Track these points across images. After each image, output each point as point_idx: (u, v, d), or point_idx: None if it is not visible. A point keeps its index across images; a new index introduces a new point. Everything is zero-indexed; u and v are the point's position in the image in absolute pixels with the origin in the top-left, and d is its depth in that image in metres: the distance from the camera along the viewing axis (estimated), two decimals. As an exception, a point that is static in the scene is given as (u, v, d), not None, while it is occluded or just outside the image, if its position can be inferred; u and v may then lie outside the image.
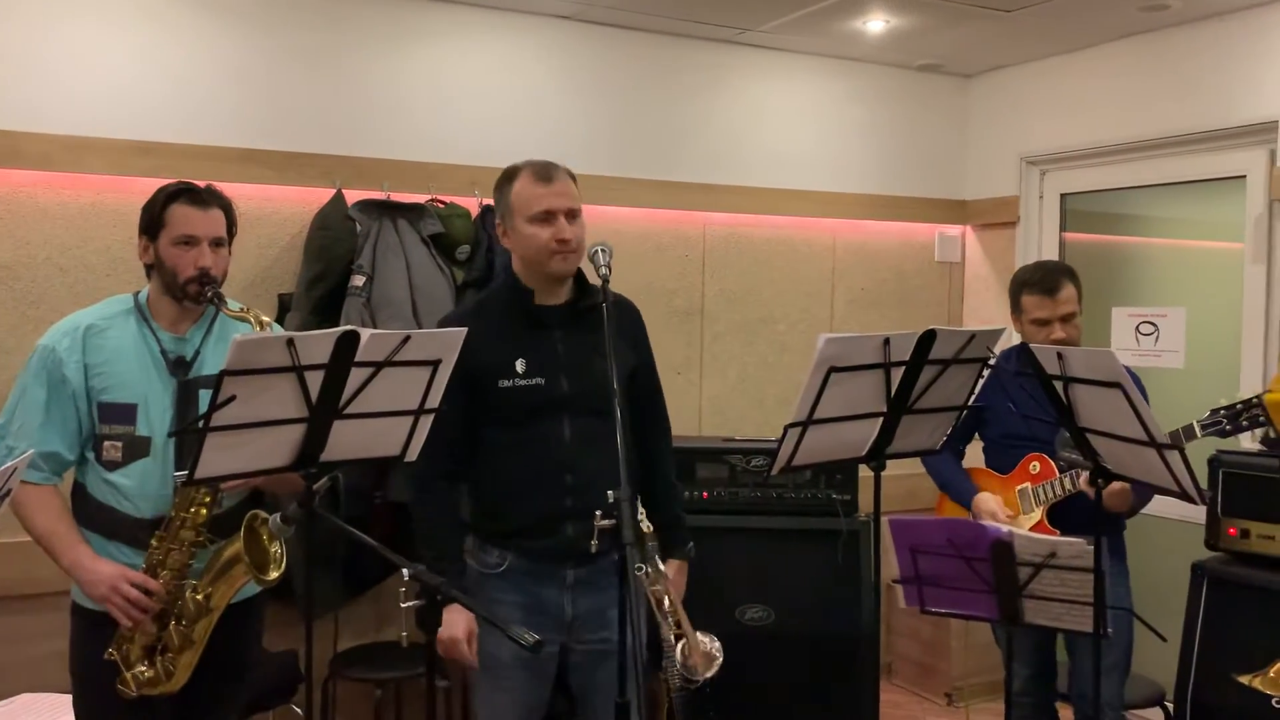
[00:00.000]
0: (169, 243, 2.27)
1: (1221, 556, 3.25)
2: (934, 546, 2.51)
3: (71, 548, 2.23)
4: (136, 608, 2.18)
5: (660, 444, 2.60)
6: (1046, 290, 2.92)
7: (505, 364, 2.37)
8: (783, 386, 4.47)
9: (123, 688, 2.22)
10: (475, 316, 2.47)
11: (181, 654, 2.25)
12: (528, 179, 2.40)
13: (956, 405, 2.38)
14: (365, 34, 3.69)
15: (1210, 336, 3.92)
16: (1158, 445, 2.06)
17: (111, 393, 2.26)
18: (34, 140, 3.20)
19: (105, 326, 2.29)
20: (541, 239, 2.35)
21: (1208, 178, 3.99)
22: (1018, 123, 4.62)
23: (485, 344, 2.34)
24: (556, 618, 2.41)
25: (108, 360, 2.27)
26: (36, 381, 2.26)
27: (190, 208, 2.28)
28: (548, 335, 2.40)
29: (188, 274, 2.26)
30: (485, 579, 2.43)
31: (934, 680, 4.43)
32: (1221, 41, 3.85)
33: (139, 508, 2.26)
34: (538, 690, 2.44)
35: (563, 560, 2.38)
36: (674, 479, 2.63)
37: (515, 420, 2.39)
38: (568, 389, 2.38)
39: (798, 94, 4.50)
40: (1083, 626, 2.40)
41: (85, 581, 2.21)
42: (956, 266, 4.90)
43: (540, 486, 2.37)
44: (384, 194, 3.60)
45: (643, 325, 2.58)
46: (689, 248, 4.32)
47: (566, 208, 2.36)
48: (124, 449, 2.25)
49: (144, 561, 2.23)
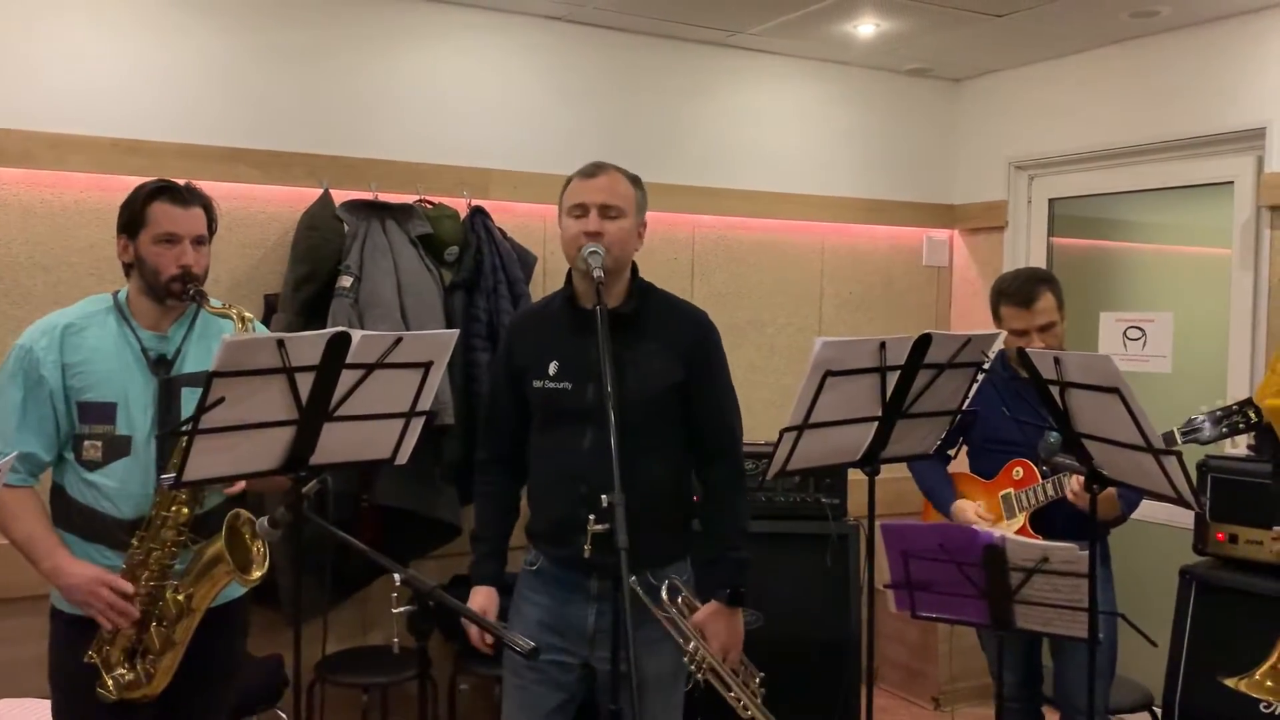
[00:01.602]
0: (150, 241, 2.25)
1: (1209, 561, 3.26)
2: (926, 551, 2.49)
3: (51, 552, 2.20)
4: (115, 611, 2.15)
5: (718, 476, 2.44)
6: (1022, 301, 2.90)
7: (540, 364, 2.37)
8: (771, 390, 4.46)
9: (103, 691, 2.19)
10: (534, 314, 2.54)
11: (162, 656, 2.22)
12: (577, 176, 2.39)
13: (951, 410, 2.37)
14: (353, 33, 3.66)
15: (1197, 342, 3.94)
16: (1155, 451, 2.06)
17: (91, 392, 2.23)
18: (16, 138, 3.15)
19: (84, 325, 2.27)
20: (573, 231, 2.32)
21: (1196, 183, 4.01)
22: (1006, 127, 4.63)
23: (529, 343, 2.39)
24: (579, 629, 2.37)
25: (86, 359, 2.24)
26: (12, 382, 2.23)
27: (171, 205, 2.26)
28: (586, 341, 2.28)
29: (170, 272, 2.24)
30: (524, 574, 2.46)
31: (921, 684, 4.43)
32: (1210, 48, 3.87)
33: (119, 508, 2.23)
34: (551, 697, 2.38)
35: (586, 570, 2.32)
36: (734, 515, 2.43)
37: (545, 423, 2.40)
38: (592, 397, 2.30)
39: (787, 97, 4.50)
40: (1073, 631, 2.40)
41: (65, 586, 2.18)
42: (944, 271, 4.90)
43: (558, 493, 2.35)
44: (372, 194, 3.57)
45: (710, 344, 2.43)
46: (678, 250, 4.31)
47: (600, 202, 2.31)
48: (104, 448, 2.22)
49: (124, 562, 2.20)
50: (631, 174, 2.41)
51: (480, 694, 3.79)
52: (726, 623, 2.36)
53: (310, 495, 2.02)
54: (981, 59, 4.52)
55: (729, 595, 2.35)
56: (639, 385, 2.29)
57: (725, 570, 2.37)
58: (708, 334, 2.44)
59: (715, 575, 2.38)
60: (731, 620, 2.37)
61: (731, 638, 2.38)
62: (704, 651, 2.33)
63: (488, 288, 3.60)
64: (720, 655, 2.36)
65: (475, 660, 3.55)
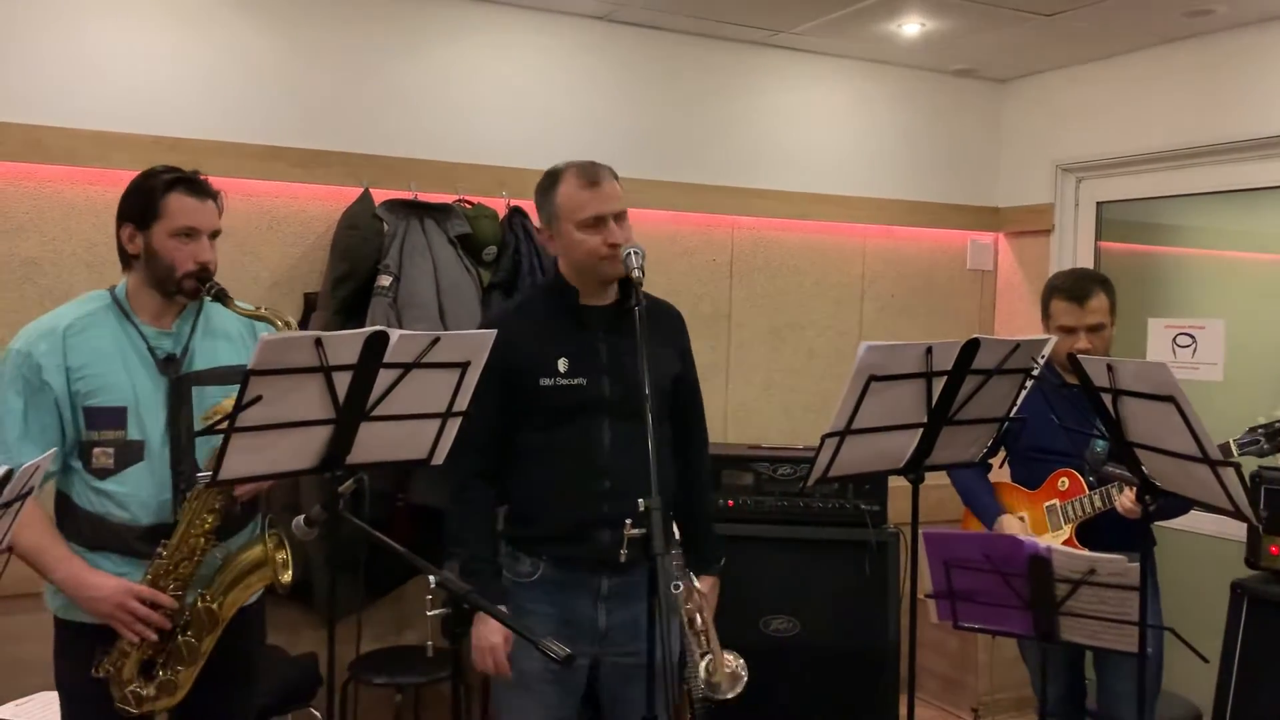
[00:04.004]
0: (166, 234, 2.13)
1: (1262, 575, 3.17)
2: (969, 561, 2.45)
3: (63, 561, 2.10)
4: (144, 623, 2.08)
5: (698, 456, 2.56)
6: (1076, 297, 2.86)
7: (547, 362, 2.33)
8: (810, 394, 4.41)
9: (124, 707, 2.12)
10: (518, 314, 2.47)
11: (189, 667, 2.16)
12: (573, 182, 2.33)
13: (998, 417, 2.32)
14: (394, 32, 3.66)
15: (1251, 350, 3.84)
16: (1212, 462, 1.99)
17: (98, 396, 2.12)
18: (60, 135, 3.18)
19: (84, 326, 2.14)
20: (592, 244, 2.30)
21: (1250, 187, 3.91)
22: (1053, 129, 4.55)
23: (527, 341, 2.32)
24: (589, 629, 2.36)
25: (90, 362, 2.12)
26: (11, 390, 2.10)
27: (191, 198, 2.15)
28: (591, 337, 2.36)
29: (186, 268, 2.14)
30: (516, 588, 2.38)
31: (960, 695, 4.36)
32: (1267, 47, 3.77)
33: (135, 515, 2.14)
34: (567, 703, 2.38)
35: (595, 569, 2.32)
36: (709, 492, 2.61)
37: (553, 421, 2.34)
38: (609, 392, 2.32)
39: (829, 97, 4.45)
40: (1121, 645, 2.34)
41: (87, 598, 2.09)
42: (989, 275, 4.82)
43: (575, 491, 2.32)
44: (411, 194, 3.56)
45: (686, 333, 2.55)
46: (717, 252, 4.27)
47: (615, 211, 2.31)
48: (115, 455, 2.12)
49: (146, 572, 2.13)
50: (609, 168, 2.39)
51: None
52: (716, 591, 2.52)
53: (346, 495, 2.00)
54: (1029, 59, 4.44)
55: (719, 567, 2.53)
56: (659, 380, 2.31)
57: (712, 545, 2.54)
58: (682, 322, 2.55)
59: (709, 550, 2.53)
60: (716, 587, 2.53)
61: (715, 602, 2.52)
62: (702, 621, 2.39)
63: (525, 288, 3.59)
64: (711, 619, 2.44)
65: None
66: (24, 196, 3.20)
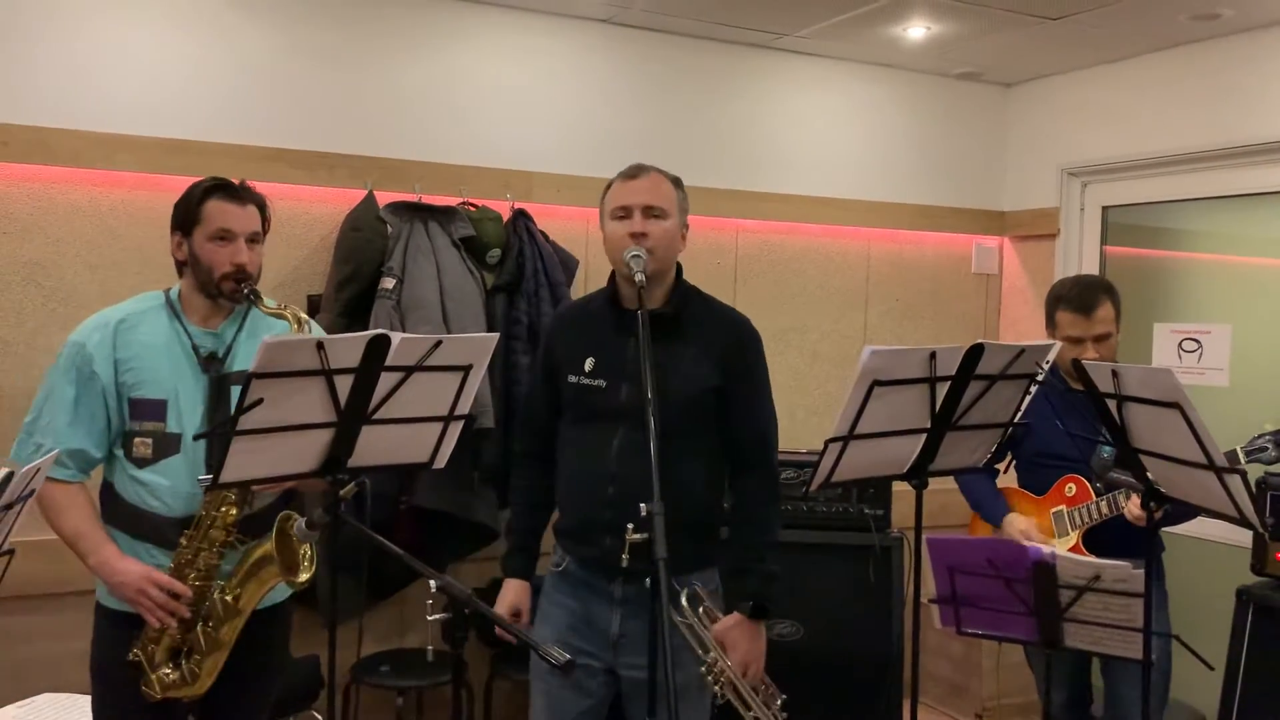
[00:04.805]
0: (205, 238, 2.24)
1: (1268, 582, 3.16)
2: (973, 566, 2.43)
3: (99, 547, 2.20)
4: (164, 609, 2.16)
5: (748, 482, 2.39)
6: (1082, 309, 2.82)
7: (577, 360, 2.36)
8: (814, 397, 4.40)
9: (147, 690, 2.19)
10: (575, 310, 2.55)
11: (208, 656, 2.21)
12: (618, 179, 2.38)
13: (1002, 422, 2.31)
14: (398, 34, 3.66)
15: (1257, 355, 3.82)
16: (1218, 469, 1.98)
17: (142, 389, 2.23)
18: (65, 137, 3.18)
19: (137, 322, 2.27)
20: (617, 234, 2.30)
21: (1257, 191, 3.89)
22: (1059, 133, 4.53)
23: (567, 338, 2.40)
24: (603, 633, 2.34)
25: (138, 355, 2.23)
26: (65, 378, 2.23)
27: (227, 203, 2.25)
28: (625, 340, 2.30)
29: (223, 270, 2.24)
30: (551, 576, 2.43)
31: (964, 700, 4.34)
32: (1273, 52, 3.75)
33: (169, 506, 2.23)
34: (578, 702, 2.35)
35: (607, 572, 2.30)
36: (761, 527, 2.36)
37: (577, 419, 2.38)
38: (625, 398, 2.28)
39: (834, 101, 4.44)
40: (1126, 652, 2.32)
41: (113, 582, 2.19)
42: (994, 279, 4.81)
43: (584, 492, 2.34)
44: (415, 196, 3.56)
45: (749, 350, 2.39)
46: (721, 255, 4.26)
47: (644, 203, 2.30)
48: (154, 446, 2.22)
49: (171, 561, 2.20)
50: (672, 175, 2.40)
51: (515, 698, 3.77)
52: (748, 636, 2.28)
53: (348, 498, 2.01)
54: (1034, 63, 4.43)
55: (752, 608, 2.28)
56: (675, 388, 2.25)
57: (750, 582, 2.30)
58: (747, 339, 2.40)
59: (740, 586, 2.31)
60: (754, 634, 2.29)
61: (752, 652, 2.29)
62: (723, 664, 2.27)
63: (529, 291, 3.58)
64: (740, 670, 2.28)
65: (510, 665, 3.54)
66: (28, 198, 3.20)
